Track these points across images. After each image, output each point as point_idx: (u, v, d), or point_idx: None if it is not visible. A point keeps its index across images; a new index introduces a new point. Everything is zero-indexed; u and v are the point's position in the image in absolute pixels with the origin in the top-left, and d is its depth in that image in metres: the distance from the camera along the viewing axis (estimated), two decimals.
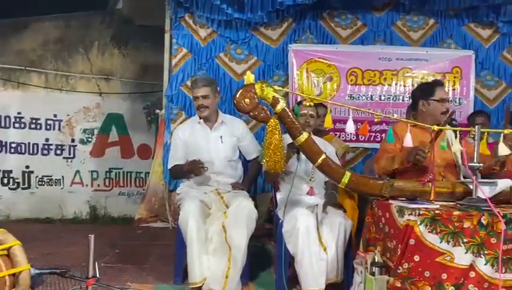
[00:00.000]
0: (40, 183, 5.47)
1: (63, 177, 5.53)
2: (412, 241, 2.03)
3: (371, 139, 4.59)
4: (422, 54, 4.65)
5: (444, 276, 2.03)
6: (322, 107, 3.49)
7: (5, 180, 5.37)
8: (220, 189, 2.97)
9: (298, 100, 3.08)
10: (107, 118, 5.71)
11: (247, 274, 2.82)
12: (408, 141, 2.35)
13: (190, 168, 2.91)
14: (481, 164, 2.29)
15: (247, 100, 2.23)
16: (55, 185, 5.51)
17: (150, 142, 5.74)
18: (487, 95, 4.71)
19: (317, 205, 2.74)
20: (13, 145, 5.37)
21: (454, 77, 4.65)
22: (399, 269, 2.04)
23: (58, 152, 5.53)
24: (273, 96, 2.25)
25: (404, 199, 2.32)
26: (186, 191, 2.94)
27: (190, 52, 4.54)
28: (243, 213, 2.68)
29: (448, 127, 2.52)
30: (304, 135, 2.28)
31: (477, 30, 4.72)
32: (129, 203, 5.67)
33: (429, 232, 2.03)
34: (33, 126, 5.44)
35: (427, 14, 4.67)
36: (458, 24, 4.70)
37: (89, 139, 5.67)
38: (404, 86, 4.63)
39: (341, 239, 2.59)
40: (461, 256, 2.03)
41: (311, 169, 2.69)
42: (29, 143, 5.42)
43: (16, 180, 5.40)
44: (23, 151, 5.41)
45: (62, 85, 5.55)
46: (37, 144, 5.45)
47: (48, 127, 5.50)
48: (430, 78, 4.59)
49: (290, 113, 2.29)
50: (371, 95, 4.67)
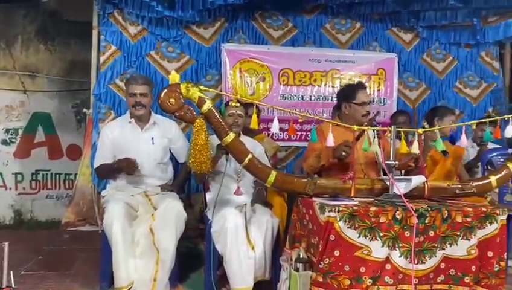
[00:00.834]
0: None
1: None
2: (332, 237, 2.11)
3: (302, 138, 4.70)
4: (349, 56, 4.83)
5: (363, 269, 2.14)
6: (252, 107, 3.52)
7: None
8: (148, 191, 2.91)
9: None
10: (33, 117, 5.38)
11: (176, 276, 2.79)
12: (330, 141, 2.44)
13: (122, 165, 2.81)
14: (396, 162, 2.44)
15: (172, 100, 2.20)
16: None
17: (80, 142, 5.46)
18: (409, 96, 5.00)
19: (245, 204, 2.76)
20: None
21: (379, 78, 4.88)
22: (320, 264, 2.12)
23: None
24: (199, 96, 2.24)
25: (327, 196, 2.41)
26: (111, 193, 2.86)
27: (119, 49, 4.39)
28: (171, 215, 2.64)
29: (367, 127, 2.64)
30: (231, 136, 2.30)
31: (399, 34, 4.99)
32: (58, 206, 5.37)
33: (348, 227, 2.13)
34: None
35: (354, 18, 4.85)
36: (382, 28, 4.94)
37: (13, 139, 5.31)
38: (332, 87, 4.77)
39: (268, 237, 2.63)
40: (378, 250, 2.15)
41: (239, 168, 2.71)
42: None
43: None
44: None
45: None
46: None
47: None
48: (357, 79, 4.78)
49: (217, 113, 2.29)
50: (302, 95, 4.78)
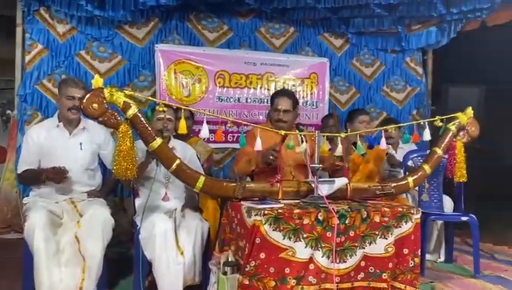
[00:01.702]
0: None
1: None
2: (258, 239, 2.17)
3: (239, 140, 4.74)
4: (283, 60, 4.95)
5: (287, 270, 2.21)
6: (185, 110, 3.50)
7: None
8: (74, 198, 2.82)
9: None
10: None
11: (105, 283, 2.72)
12: (258, 145, 2.49)
13: (50, 177, 2.68)
14: (320, 165, 2.54)
15: (95, 105, 2.15)
16: None
17: (6, 144, 5.19)
18: (340, 99, 5.20)
19: (175, 210, 2.75)
20: None
21: (311, 82, 5.04)
22: (247, 267, 2.16)
23: None
24: (124, 101, 2.21)
25: (256, 200, 2.46)
26: (33, 201, 2.72)
27: (46, 48, 4.19)
28: (98, 222, 2.57)
29: (294, 132, 2.73)
30: (157, 141, 2.28)
31: (331, 39, 5.18)
32: None
33: (273, 230, 2.19)
34: None
35: (288, 23, 4.97)
36: (315, 33, 5.10)
37: None
38: (268, 90, 4.86)
39: (198, 242, 2.64)
40: (302, 250, 2.23)
41: (169, 174, 2.70)
42: None
43: None
44: None
45: None
46: None
47: None
48: (291, 83, 4.94)
49: (143, 118, 2.27)
50: (238, 98, 4.82)
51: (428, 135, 2.81)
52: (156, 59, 4.50)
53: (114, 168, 2.19)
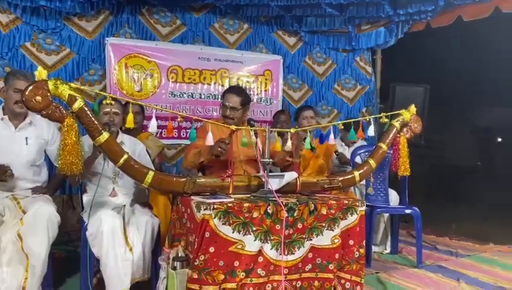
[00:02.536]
0: None
1: None
2: (208, 233, 2.17)
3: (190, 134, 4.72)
4: (238, 57, 4.97)
5: (236, 263, 2.23)
6: (134, 105, 3.45)
7: None
8: (17, 194, 2.71)
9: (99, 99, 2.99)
10: None
11: (50, 282, 2.65)
12: (209, 140, 2.50)
13: None
14: (271, 160, 2.58)
15: (38, 98, 2.08)
16: None
17: None
18: (293, 96, 5.30)
19: (124, 205, 2.71)
20: None
21: (265, 79, 5.09)
22: (196, 261, 2.17)
23: None
24: (69, 94, 2.15)
25: (206, 194, 2.47)
26: None
27: None
28: (42, 219, 2.48)
29: (245, 127, 2.76)
30: (104, 135, 2.24)
31: (284, 37, 5.26)
32: None
33: (223, 224, 2.20)
34: None
35: (242, 19, 5.00)
36: (268, 31, 5.17)
37: None
38: (222, 86, 4.86)
39: (148, 238, 2.61)
40: (251, 243, 2.26)
41: (117, 169, 2.65)
42: None
43: None
44: None
45: None
46: None
47: None
48: (245, 79, 4.97)
49: (89, 112, 2.21)
50: (192, 93, 4.80)
51: (372, 131, 2.92)
52: (107, 53, 4.40)
53: (59, 163, 2.12)
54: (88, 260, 2.52)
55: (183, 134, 4.74)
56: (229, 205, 2.23)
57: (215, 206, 2.19)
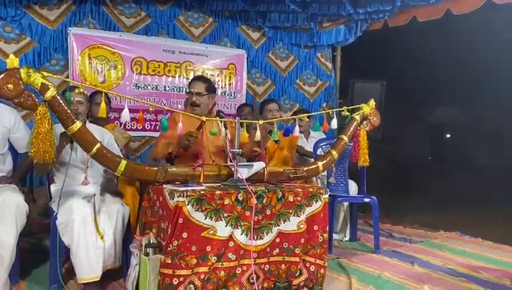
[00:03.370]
0: None
1: None
2: (181, 220, 2.24)
3: (157, 128, 4.74)
4: (202, 50, 5.02)
5: (208, 248, 2.32)
6: (101, 94, 3.44)
7: None
8: None
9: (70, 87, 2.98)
10: None
11: (17, 272, 2.64)
12: (180, 130, 2.56)
13: None
14: (240, 150, 2.67)
15: (10, 86, 2.06)
16: None
17: None
18: (257, 90, 5.41)
19: (94, 195, 2.72)
20: None
21: (230, 73, 5.18)
22: (169, 247, 2.24)
23: None
24: (41, 82, 2.15)
25: (177, 183, 2.53)
26: None
27: None
28: (10, 208, 2.46)
29: (215, 118, 2.84)
30: (77, 124, 2.25)
31: (248, 32, 5.36)
32: None
33: (196, 211, 2.28)
34: None
35: (207, 13, 5.05)
36: (233, 25, 5.25)
37: None
38: (187, 78, 4.90)
39: (119, 226, 2.65)
40: (222, 229, 2.35)
41: (86, 158, 2.66)
42: None
43: None
44: None
45: None
46: None
47: None
48: (210, 72, 5.03)
49: (62, 101, 2.22)
50: (156, 86, 4.81)
51: (335, 124, 3.08)
52: (69, 43, 4.34)
53: (32, 151, 2.12)
54: (58, 249, 2.52)
55: (147, 126, 4.75)
56: (202, 193, 2.31)
57: (188, 193, 2.26)
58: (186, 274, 2.26)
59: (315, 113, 3.03)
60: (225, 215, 2.36)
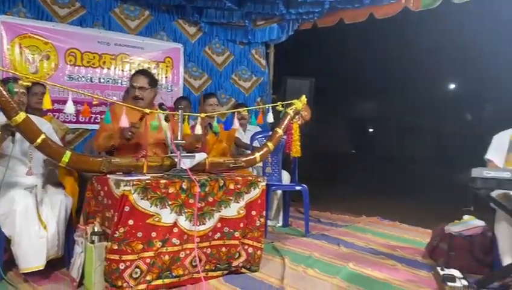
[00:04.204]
0: None
1: None
2: (127, 208, 2.35)
3: (91, 120, 4.70)
4: (138, 42, 5.03)
5: (154, 234, 2.45)
6: (40, 85, 3.41)
7: None
8: None
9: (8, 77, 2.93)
10: None
11: None
12: (124, 122, 2.65)
13: None
14: (184, 141, 2.82)
15: None
16: None
17: None
18: (193, 84, 5.52)
19: (36, 186, 2.73)
20: None
21: (166, 66, 5.24)
22: (116, 234, 2.34)
23: None
24: None
25: (121, 173, 2.62)
26: None
27: None
28: None
29: (157, 111, 2.95)
30: (21, 115, 2.27)
31: (185, 26, 5.44)
32: None
33: (141, 199, 2.40)
34: None
35: (143, 6, 5.05)
36: (169, 19, 5.30)
37: None
38: (122, 71, 4.90)
39: (62, 216, 2.68)
40: (167, 216, 2.50)
41: (28, 149, 2.66)
42: None
43: None
44: None
45: None
46: None
47: None
48: (146, 65, 5.06)
49: (5, 92, 2.23)
50: (91, 77, 4.75)
51: (271, 118, 3.32)
52: None
53: None
54: None
55: (81, 119, 4.68)
56: (147, 182, 2.43)
57: (134, 182, 2.38)
58: (132, 259, 2.38)
59: (254, 107, 3.24)
60: (170, 203, 2.50)
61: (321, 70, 6.75)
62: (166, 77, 5.24)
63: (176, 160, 2.75)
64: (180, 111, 2.83)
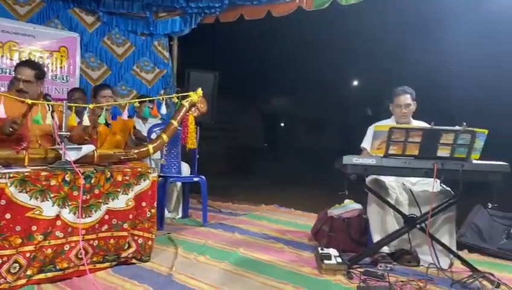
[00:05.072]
0: None
1: None
2: (3, 201, 2.28)
3: None
4: (29, 30, 4.75)
5: (34, 228, 2.39)
6: None
7: None
8: None
9: None
10: None
11: None
12: (1, 113, 2.53)
13: None
14: (68, 133, 2.76)
15: None
16: None
17: None
18: (91, 75, 5.34)
19: None
20: None
21: (61, 56, 5.01)
22: None
23: None
24: None
25: None
26: None
27: None
28: None
29: (41, 101, 2.86)
30: None
31: (82, 15, 5.24)
32: None
33: (19, 192, 2.33)
34: None
35: None
36: (64, 7, 5.08)
37: None
38: (11, 60, 4.61)
39: None
40: (49, 209, 2.45)
41: None
42: None
43: None
44: None
45: None
46: None
47: None
48: (38, 54, 4.81)
49: None
50: None
51: (164, 110, 3.35)
52: None
53: None
54: None
55: None
56: (26, 174, 2.36)
57: (11, 175, 2.30)
58: (10, 254, 2.31)
59: (145, 98, 3.25)
60: (52, 195, 2.45)
61: (225, 64, 6.87)
62: (61, 68, 5.02)
63: (61, 152, 2.69)
64: (64, 102, 2.76)
